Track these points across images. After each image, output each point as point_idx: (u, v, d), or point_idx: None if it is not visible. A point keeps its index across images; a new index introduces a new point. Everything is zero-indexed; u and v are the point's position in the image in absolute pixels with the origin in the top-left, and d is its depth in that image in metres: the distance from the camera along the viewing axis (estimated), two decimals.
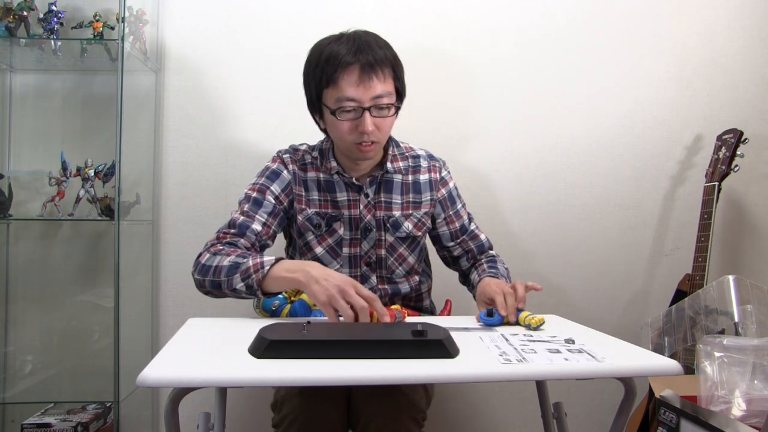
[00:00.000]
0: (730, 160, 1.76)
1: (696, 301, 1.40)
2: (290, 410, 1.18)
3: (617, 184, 1.99)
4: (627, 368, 0.91)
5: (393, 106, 1.31)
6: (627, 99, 1.98)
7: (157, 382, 0.82)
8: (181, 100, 1.90)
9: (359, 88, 1.26)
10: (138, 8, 1.77)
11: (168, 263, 1.91)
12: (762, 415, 0.93)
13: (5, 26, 1.68)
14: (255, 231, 1.32)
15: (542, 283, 1.97)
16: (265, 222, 1.34)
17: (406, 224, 1.41)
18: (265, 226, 1.34)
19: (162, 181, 1.91)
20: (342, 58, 1.26)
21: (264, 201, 1.36)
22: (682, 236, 1.98)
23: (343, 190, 1.40)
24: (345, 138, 1.30)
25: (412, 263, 1.44)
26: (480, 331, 1.12)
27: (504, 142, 1.96)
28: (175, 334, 1.08)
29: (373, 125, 1.27)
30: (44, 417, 1.67)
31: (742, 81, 1.99)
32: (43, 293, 1.89)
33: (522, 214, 1.98)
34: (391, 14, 1.93)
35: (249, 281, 1.19)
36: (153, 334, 1.90)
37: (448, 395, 1.98)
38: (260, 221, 1.34)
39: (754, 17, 1.99)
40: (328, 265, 1.40)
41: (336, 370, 0.85)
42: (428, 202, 1.45)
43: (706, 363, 1.03)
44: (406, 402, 1.19)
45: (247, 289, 1.20)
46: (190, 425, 1.05)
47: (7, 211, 1.75)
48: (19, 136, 1.88)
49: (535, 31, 1.96)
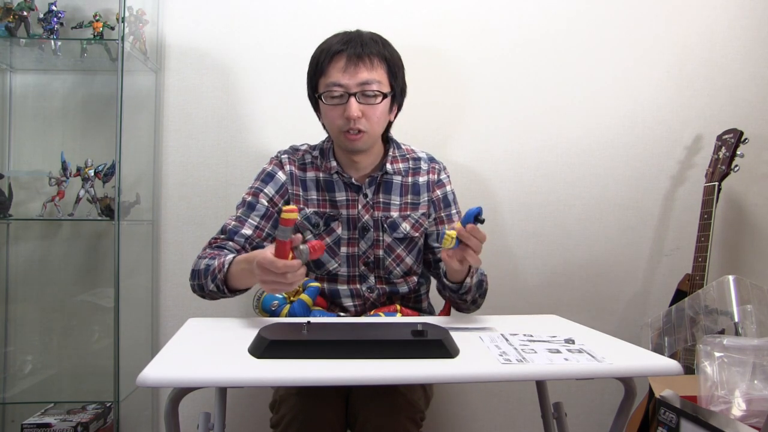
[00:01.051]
0: (730, 160, 1.76)
1: (696, 301, 1.40)
2: (288, 410, 1.18)
3: (617, 184, 1.99)
4: (627, 368, 0.91)
5: (380, 94, 1.31)
6: (627, 99, 1.98)
7: (157, 382, 0.82)
8: (181, 100, 1.90)
9: (345, 74, 1.29)
10: (138, 8, 1.77)
11: (168, 263, 1.91)
12: (762, 415, 0.93)
13: (5, 26, 1.68)
14: (245, 235, 1.35)
15: (542, 283, 2.00)
16: (257, 225, 1.37)
17: (403, 225, 1.41)
18: (257, 229, 1.37)
19: (162, 181, 1.91)
20: (332, 48, 1.32)
21: (257, 204, 1.38)
22: (682, 236, 1.98)
23: (342, 189, 1.40)
24: (334, 124, 1.33)
25: (410, 264, 1.44)
26: (480, 331, 1.12)
27: (504, 142, 1.96)
28: (175, 334, 1.08)
29: (358, 111, 1.29)
30: (44, 417, 1.67)
31: (742, 81, 1.99)
32: (43, 293, 1.89)
33: (522, 214, 1.98)
34: (391, 14, 1.93)
35: (216, 282, 1.25)
36: (153, 334, 1.90)
37: (448, 395, 1.98)
38: (252, 225, 1.37)
39: (754, 17, 1.99)
40: (326, 264, 1.40)
41: (336, 370, 0.85)
42: (425, 203, 1.45)
43: (706, 363, 1.03)
44: (404, 402, 1.19)
45: (218, 290, 1.26)
46: (190, 425, 1.05)
47: (7, 211, 1.75)
48: (19, 136, 1.88)
49: (535, 31, 1.96)
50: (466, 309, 1.40)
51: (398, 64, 1.36)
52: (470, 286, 1.30)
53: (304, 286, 1.34)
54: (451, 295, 1.35)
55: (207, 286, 1.27)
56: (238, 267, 1.22)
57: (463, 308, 1.40)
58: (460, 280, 1.28)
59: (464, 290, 1.30)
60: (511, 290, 1.98)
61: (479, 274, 1.34)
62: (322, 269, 1.41)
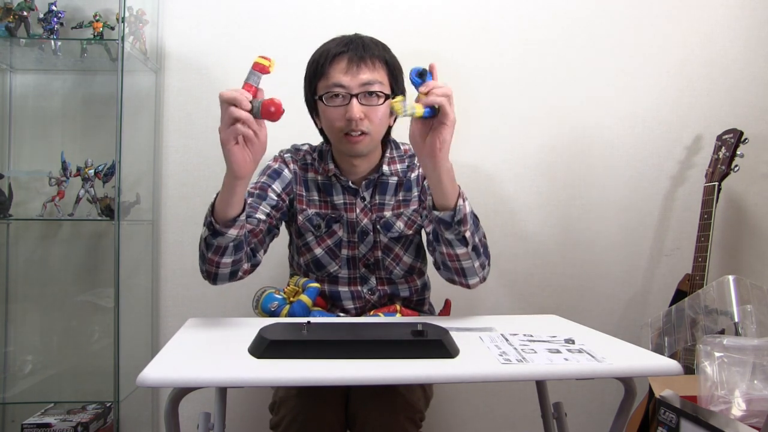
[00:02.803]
0: (730, 160, 1.76)
1: (696, 301, 1.40)
2: (288, 411, 1.18)
3: (617, 184, 1.99)
4: (627, 368, 0.91)
5: (383, 95, 1.30)
6: (627, 99, 1.98)
7: (157, 382, 0.82)
8: (181, 100, 1.90)
9: (347, 75, 1.27)
10: (138, 8, 1.77)
11: (168, 263, 1.91)
12: (762, 415, 0.93)
13: (5, 26, 1.68)
14: (258, 218, 1.31)
15: (542, 283, 2.00)
16: (268, 213, 1.34)
17: (397, 224, 1.40)
18: (269, 216, 1.34)
19: (162, 181, 1.91)
20: (332, 50, 1.30)
21: (267, 196, 1.35)
22: (682, 236, 1.98)
23: (340, 193, 1.39)
24: (335, 126, 1.30)
25: (409, 263, 1.43)
26: (480, 331, 1.12)
27: (504, 142, 1.96)
28: (175, 334, 1.08)
29: (361, 113, 1.27)
30: (44, 417, 1.67)
31: (742, 81, 1.99)
32: (43, 293, 1.89)
33: (522, 214, 1.97)
34: (391, 15, 1.93)
35: (206, 220, 1.15)
36: (153, 334, 1.90)
37: (448, 395, 1.98)
38: (264, 212, 1.33)
39: (754, 17, 1.99)
40: (326, 266, 1.40)
41: (336, 370, 0.85)
42: (416, 198, 1.42)
43: (706, 363, 1.03)
44: (403, 402, 1.19)
45: (209, 230, 1.14)
46: (190, 425, 1.05)
47: (7, 211, 1.75)
48: (19, 136, 1.88)
49: (535, 32, 1.96)
50: (469, 268, 1.20)
51: (398, 68, 1.36)
52: (465, 214, 1.13)
53: (304, 287, 1.33)
54: (447, 239, 1.16)
55: (203, 241, 1.17)
56: (220, 193, 1.13)
57: (466, 265, 1.20)
58: (451, 205, 1.13)
59: (459, 218, 1.13)
60: (511, 290, 1.98)
61: (472, 207, 1.19)
62: (322, 271, 1.40)
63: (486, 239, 1.26)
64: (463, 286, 1.25)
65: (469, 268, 1.21)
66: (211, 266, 1.20)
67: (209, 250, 1.17)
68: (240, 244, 1.19)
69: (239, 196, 1.13)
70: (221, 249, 1.17)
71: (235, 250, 1.19)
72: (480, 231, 1.22)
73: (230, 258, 1.19)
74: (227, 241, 1.16)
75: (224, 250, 1.17)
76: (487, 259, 1.25)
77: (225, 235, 1.14)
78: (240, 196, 1.13)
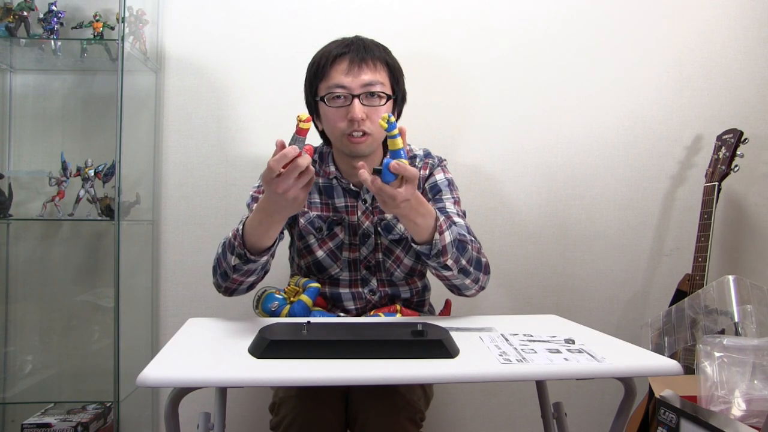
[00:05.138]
0: (730, 160, 1.76)
1: (696, 301, 1.40)
2: (288, 412, 1.18)
3: (617, 184, 1.99)
4: (627, 368, 0.91)
5: (384, 95, 1.30)
6: (627, 99, 1.98)
7: (157, 382, 0.82)
8: (181, 100, 1.90)
9: (348, 76, 1.27)
10: (138, 8, 1.77)
11: (168, 263, 1.91)
12: (762, 415, 0.93)
13: (5, 26, 1.68)
14: None
15: (542, 283, 2.00)
16: None
17: (399, 226, 1.39)
18: None
19: (162, 181, 1.91)
20: (333, 51, 1.30)
21: None
22: (682, 236, 1.98)
23: (341, 195, 1.39)
24: (336, 127, 1.29)
25: (409, 265, 1.42)
26: (480, 331, 1.12)
27: (504, 142, 1.96)
28: (175, 334, 1.08)
29: (363, 113, 1.27)
30: (44, 417, 1.66)
31: (742, 81, 1.99)
32: (43, 293, 1.89)
33: (522, 214, 1.98)
34: (391, 15, 1.93)
35: (236, 250, 1.17)
36: (153, 334, 1.90)
37: (448, 395, 1.98)
38: None
39: (754, 17, 1.99)
40: (328, 269, 1.40)
41: (336, 370, 0.85)
42: None
43: (706, 363, 1.03)
44: (404, 402, 1.19)
45: (240, 259, 1.17)
46: (190, 425, 1.05)
47: (7, 211, 1.75)
48: (19, 136, 1.88)
49: (535, 31, 1.96)
50: (461, 285, 1.25)
51: (399, 70, 1.36)
52: (444, 246, 1.15)
53: (304, 287, 1.33)
54: (431, 266, 1.21)
55: (229, 264, 1.18)
56: (252, 218, 1.14)
57: (457, 283, 1.24)
58: (426, 239, 1.15)
59: (437, 250, 1.15)
60: (511, 290, 1.98)
61: (456, 233, 1.19)
62: (323, 273, 1.40)
63: (481, 254, 1.26)
64: (461, 296, 1.32)
65: (460, 284, 1.26)
66: (233, 284, 1.24)
67: (236, 272, 1.21)
68: (266, 264, 1.24)
69: (279, 228, 1.17)
70: (250, 272, 1.22)
71: (261, 268, 1.23)
72: (467, 253, 1.21)
73: (255, 277, 1.24)
74: (258, 266, 1.21)
75: (252, 272, 1.22)
76: (482, 273, 1.27)
77: (257, 262, 1.19)
78: (280, 226, 1.17)
